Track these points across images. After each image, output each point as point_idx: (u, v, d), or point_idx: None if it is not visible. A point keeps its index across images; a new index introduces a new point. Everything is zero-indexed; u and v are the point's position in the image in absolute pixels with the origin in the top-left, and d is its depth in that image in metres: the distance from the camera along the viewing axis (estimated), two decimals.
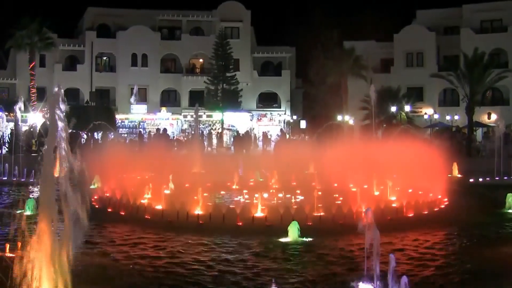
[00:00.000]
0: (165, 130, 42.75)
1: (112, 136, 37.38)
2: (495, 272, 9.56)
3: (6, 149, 33.82)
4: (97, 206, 16.26)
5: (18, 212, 14.57)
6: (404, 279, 7.12)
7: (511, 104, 55.16)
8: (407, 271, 9.36)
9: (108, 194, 16.44)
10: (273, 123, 60.95)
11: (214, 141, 47.63)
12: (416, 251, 11.20)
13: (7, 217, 14.17)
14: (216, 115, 56.97)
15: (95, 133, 39.48)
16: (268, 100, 63.51)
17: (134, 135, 48.96)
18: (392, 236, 12.18)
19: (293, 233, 11.87)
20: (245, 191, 18.45)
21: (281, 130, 51.51)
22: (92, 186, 20.10)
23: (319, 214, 13.56)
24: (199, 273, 9.40)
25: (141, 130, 51.68)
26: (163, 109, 58.42)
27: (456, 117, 52.39)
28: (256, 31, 64.59)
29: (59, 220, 7.59)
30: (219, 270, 9.60)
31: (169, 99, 62.53)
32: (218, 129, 56.45)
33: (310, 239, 11.91)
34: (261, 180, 22.08)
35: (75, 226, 7.61)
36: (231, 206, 14.14)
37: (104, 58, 62.39)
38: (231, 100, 56.02)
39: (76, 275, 7.79)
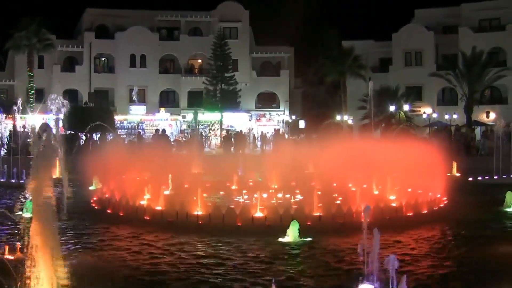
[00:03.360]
0: (163, 130, 42.73)
1: (111, 137, 37.31)
2: (494, 270, 9.56)
3: (5, 151, 33.78)
4: (96, 207, 16.26)
5: (16, 214, 14.58)
6: (404, 279, 7.12)
7: (509, 103, 55.16)
8: (407, 271, 9.35)
9: (107, 195, 16.42)
10: (272, 123, 60.98)
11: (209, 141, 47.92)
12: (415, 250, 11.20)
13: (5, 219, 14.16)
14: (215, 116, 56.97)
15: (94, 134, 39.44)
16: (267, 100, 63.53)
17: (133, 136, 48.93)
18: (391, 235, 12.18)
19: (293, 233, 11.86)
20: (244, 191, 18.43)
21: (275, 129, 51.45)
22: (91, 187, 20.12)
23: (318, 213, 13.55)
24: (198, 273, 9.39)
25: (140, 130, 51.65)
26: (162, 109, 58.40)
27: (454, 116, 52.45)
28: (254, 31, 64.60)
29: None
30: (218, 271, 9.58)
31: (168, 100, 62.55)
32: (217, 129, 56.47)
33: (310, 239, 11.90)
34: (260, 180, 22.06)
35: None
36: (230, 206, 14.12)
37: (103, 59, 62.38)
38: (230, 100, 56.04)
39: (73, 276, 7.79)
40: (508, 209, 16.01)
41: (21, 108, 29.98)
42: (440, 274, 9.38)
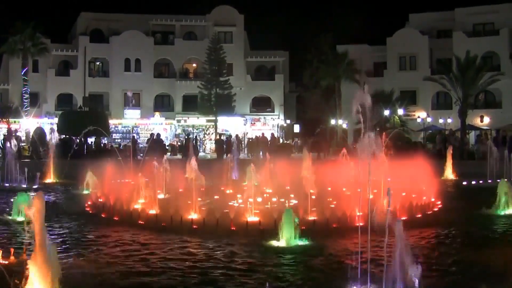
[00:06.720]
0: (158, 135, 42.73)
1: (106, 141, 37.26)
2: (487, 272, 9.58)
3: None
4: (90, 212, 16.22)
5: (9, 218, 14.53)
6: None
7: (503, 107, 55.41)
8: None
9: (101, 200, 16.40)
10: (266, 127, 61.03)
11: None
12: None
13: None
14: (210, 120, 57.04)
15: (88, 139, 39.44)
16: (261, 105, 63.61)
17: (128, 140, 48.91)
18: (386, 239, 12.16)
19: (287, 236, 11.82)
20: (239, 195, 18.40)
21: (262, 134, 51.52)
22: (85, 192, 20.09)
23: (313, 218, 13.56)
24: (191, 278, 9.38)
25: (135, 135, 51.65)
26: (157, 114, 58.45)
27: (449, 120, 52.61)
28: (249, 36, 64.72)
29: None
30: (213, 275, 9.57)
31: (163, 104, 62.54)
32: (212, 134, 56.47)
33: (304, 243, 11.90)
34: (255, 184, 22.00)
35: None
36: (224, 210, 14.11)
37: (98, 63, 62.38)
38: (224, 104, 56.12)
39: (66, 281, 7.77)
40: (501, 212, 16.05)
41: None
42: (433, 278, 9.38)
